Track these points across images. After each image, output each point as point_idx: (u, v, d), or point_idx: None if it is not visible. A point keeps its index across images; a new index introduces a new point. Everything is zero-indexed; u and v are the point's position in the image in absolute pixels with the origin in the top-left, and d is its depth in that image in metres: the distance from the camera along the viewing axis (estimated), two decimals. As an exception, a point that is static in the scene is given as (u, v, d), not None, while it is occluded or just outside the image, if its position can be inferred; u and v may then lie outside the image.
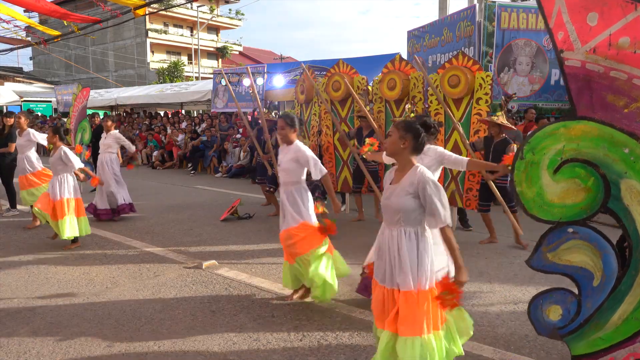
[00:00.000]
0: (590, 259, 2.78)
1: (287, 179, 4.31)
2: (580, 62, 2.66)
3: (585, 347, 2.85)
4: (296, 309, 4.28)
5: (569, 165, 2.73)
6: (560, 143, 2.72)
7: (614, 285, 2.75)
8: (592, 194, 2.72)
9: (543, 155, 2.75)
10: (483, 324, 3.97)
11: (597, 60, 2.63)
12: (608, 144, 2.64)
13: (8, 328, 3.94)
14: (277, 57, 42.27)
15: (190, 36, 40.67)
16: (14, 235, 6.97)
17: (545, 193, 2.78)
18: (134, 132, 18.37)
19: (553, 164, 2.74)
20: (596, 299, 2.80)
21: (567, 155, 2.72)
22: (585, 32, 2.63)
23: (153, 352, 3.53)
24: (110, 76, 38.14)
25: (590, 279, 2.81)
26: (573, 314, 2.86)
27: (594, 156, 2.68)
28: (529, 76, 10.01)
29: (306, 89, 8.23)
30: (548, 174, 2.75)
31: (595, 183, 2.70)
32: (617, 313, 2.74)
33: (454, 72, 6.34)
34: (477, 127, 6.42)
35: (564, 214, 2.77)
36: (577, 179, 2.73)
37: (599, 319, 2.79)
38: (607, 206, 2.70)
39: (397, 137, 2.80)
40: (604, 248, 2.76)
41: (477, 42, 9.97)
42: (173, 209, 8.74)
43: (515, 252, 5.91)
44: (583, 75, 2.67)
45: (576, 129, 2.70)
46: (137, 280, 5.06)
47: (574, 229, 2.78)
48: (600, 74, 2.63)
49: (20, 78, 36.55)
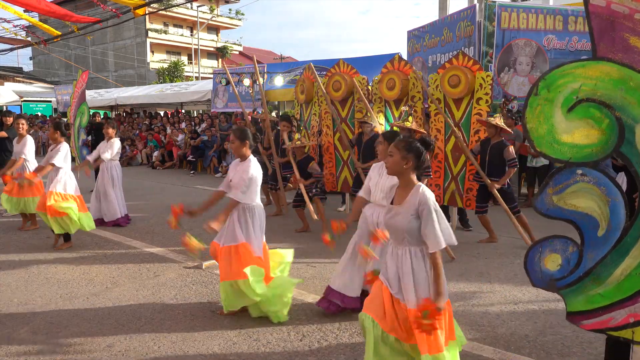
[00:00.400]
0: (597, 206, 2.65)
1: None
2: (606, 2, 2.57)
3: (583, 303, 2.72)
4: (296, 309, 4.28)
5: (584, 105, 2.62)
6: (577, 82, 2.62)
7: (620, 237, 2.61)
8: (605, 137, 2.60)
9: (558, 93, 2.65)
10: (483, 324, 3.97)
11: (623, 1, 2.53)
12: (626, 86, 2.54)
13: (8, 328, 3.94)
14: (277, 57, 42.29)
15: (190, 36, 40.68)
16: (13, 236, 6.97)
17: (557, 131, 2.67)
18: (134, 132, 18.37)
19: (568, 102, 2.64)
20: (599, 251, 2.66)
21: (582, 95, 2.61)
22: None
23: (153, 352, 3.53)
24: (110, 76, 38.16)
25: (595, 228, 2.67)
26: (573, 265, 2.72)
27: (610, 97, 2.57)
28: (529, 76, 9.99)
29: (306, 88, 8.23)
30: (562, 112, 2.65)
31: (610, 125, 2.58)
32: (620, 267, 2.60)
33: (454, 72, 6.34)
34: (477, 127, 6.42)
35: (574, 154, 2.66)
36: (591, 119, 2.61)
37: (600, 273, 2.66)
38: (619, 150, 2.59)
39: (399, 158, 2.81)
40: (613, 194, 2.63)
41: (477, 42, 9.97)
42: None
43: (515, 252, 5.91)
44: (607, 15, 2.57)
45: (595, 68, 2.60)
46: (137, 280, 5.06)
47: (583, 171, 2.66)
48: (625, 15, 2.53)
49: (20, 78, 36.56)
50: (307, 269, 5.40)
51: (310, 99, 8.33)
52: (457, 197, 6.70)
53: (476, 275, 5.18)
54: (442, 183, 6.77)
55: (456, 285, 4.83)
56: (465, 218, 7.19)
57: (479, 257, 5.79)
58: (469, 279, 5.07)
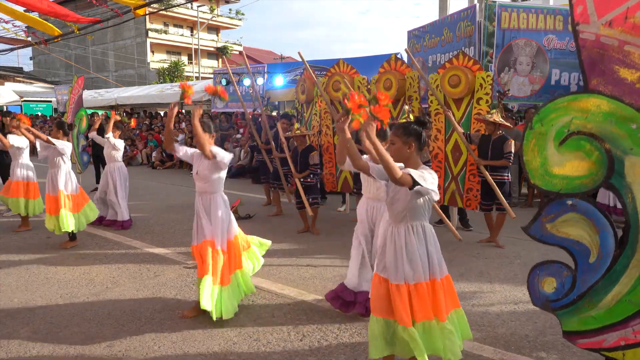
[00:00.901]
0: (588, 234, 2.76)
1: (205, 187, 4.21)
2: (595, 35, 2.64)
3: (577, 324, 2.82)
4: (296, 309, 4.28)
5: (575, 138, 2.70)
6: (569, 115, 2.71)
7: (610, 265, 2.71)
8: (595, 168, 2.69)
9: (551, 127, 2.75)
10: (483, 324, 3.97)
11: (612, 33, 2.60)
12: (616, 118, 2.61)
13: (8, 328, 3.94)
14: (277, 57, 42.24)
15: (190, 36, 40.67)
16: (14, 236, 6.98)
17: (549, 163, 2.77)
18: (134, 132, 18.37)
19: (560, 135, 2.73)
20: (591, 277, 2.77)
21: (574, 128, 2.70)
22: (603, 5, 2.62)
23: (153, 352, 3.53)
24: (111, 76, 38.14)
25: (586, 255, 2.78)
26: (567, 288, 2.84)
27: (600, 130, 2.65)
28: (529, 76, 10.00)
29: (307, 88, 8.24)
30: (554, 145, 2.75)
31: (599, 158, 2.67)
32: (611, 293, 2.71)
33: (454, 72, 6.34)
34: (477, 127, 6.42)
35: (565, 185, 2.76)
36: (582, 152, 2.70)
37: (593, 297, 2.77)
38: (609, 182, 2.67)
39: (401, 144, 2.87)
40: (602, 225, 2.72)
41: (478, 42, 9.97)
42: (173, 209, 8.74)
43: (515, 252, 5.91)
44: (597, 49, 2.65)
45: (586, 102, 2.68)
46: (137, 280, 5.06)
47: (572, 202, 2.76)
48: (614, 47, 2.60)
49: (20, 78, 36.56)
50: (307, 269, 5.40)
51: (310, 99, 8.33)
52: (457, 197, 6.70)
53: (476, 275, 5.18)
54: (443, 183, 6.77)
55: (456, 285, 4.77)
56: (465, 218, 7.19)
57: (479, 257, 5.78)
58: (469, 278, 5.07)
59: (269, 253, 5.98)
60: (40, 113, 26.46)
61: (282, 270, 5.37)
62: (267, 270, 5.34)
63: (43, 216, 7.88)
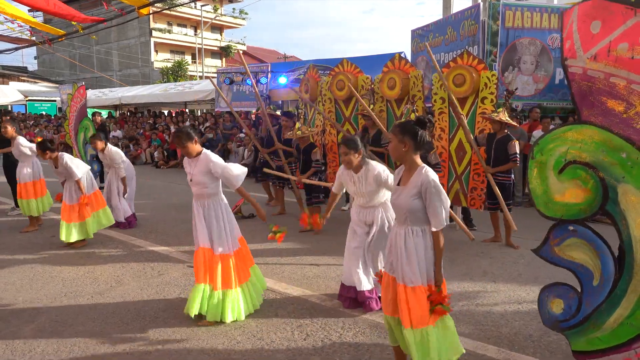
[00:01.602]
0: (590, 258, 2.87)
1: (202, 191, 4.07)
2: (582, 68, 2.79)
3: (585, 344, 2.93)
4: (300, 308, 4.28)
5: (572, 167, 2.85)
6: (565, 146, 2.85)
7: (611, 288, 2.81)
8: (591, 196, 2.82)
9: (550, 156, 2.89)
10: (487, 324, 3.96)
11: (597, 67, 2.74)
12: (607, 148, 2.74)
13: (13, 326, 3.96)
14: (280, 57, 42.24)
15: (194, 35, 40.72)
16: (18, 234, 7.00)
17: (550, 191, 2.91)
18: (137, 131, 18.42)
19: (558, 164, 2.88)
20: (595, 299, 2.87)
21: (570, 157, 2.85)
22: (588, 40, 2.75)
23: (157, 351, 3.54)
24: (115, 75, 38.23)
25: (590, 278, 2.89)
26: (574, 310, 2.94)
27: (594, 159, 2.79)
28: (533, 75, 9.97)
29: (310, 88, 8.23)
30: (554, 173, 2.89)
31: (595, 185, 2.80)
32: (613, 316, 2.81)
33: (459, 71, 6.31)
34: (481, 127, 6.40)
35: (565, 212, 2.90)
36: (579, 180, 2.84)
37: (597, 319, 2.87)
38: (605, 209, 2.79)
39: (397, 142, 2.90)
40: (601, 249, 2.84)
41: (481, 41, 9.94)
42: (177, 208, 8.76)
43: (519, 252, 5.90)
44: (585, 82, 2.79)
45: (580, 132, 2.82)
46: (141, 279, 5.08)
47: (573, 227, 2.90)
48: (601, 79, 2.74)
49: (25, 77, 36.75)
50: (311, 269, 5.40)
51: (314, 99, 8.33)
52: (462, 196, 6.68)
53: (480, 274, 5.17)
54: (447, 182, 6.75)
55: (460, 285, 4.82)
56: (469, 217, 7.18)
57: (483, 257, 5.77)
58: (472, 278, 5.06)
59: (272, 252, 6.00)
60: (44, 112, 26.56)
61: (286, 270, 5.37)
62: (270, 269, 5.35)
63: (48, 215, 7.92)
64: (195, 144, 4.01)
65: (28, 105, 26.98)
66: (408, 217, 2.88)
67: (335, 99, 7.87)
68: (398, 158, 2.94)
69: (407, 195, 2.86)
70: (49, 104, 27.56)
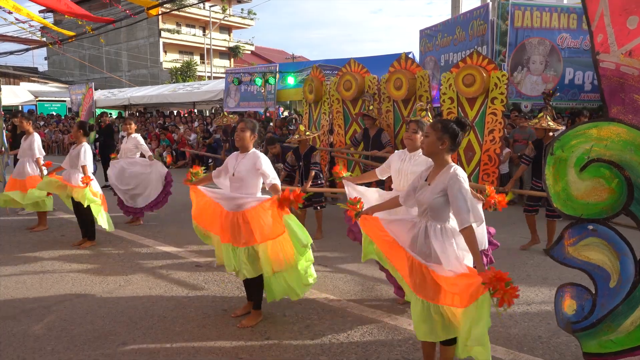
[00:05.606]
0: (608, 259, 2.79)
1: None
2: (615, 64, 2.69)
3: (597, 346, 2.87)
4: (307, 308, 4.28)
5: (595, 165, 2.75)
6: (589, 143, 2.75)
7: (630, 290, 2.74)
8: (615, 195, 2.73)
9: (571, 153, 2.79)
10: (496, 325, 3.94)
11: (632, 63, 2.64)
12: (635, 147, 2.65)
13: (23, 325, 3.99)
14: (289, 57, 42.29)
15: (202, 36, 40.86)
16: (29, 233, 7.06)
17: (570, 189, 2.81)
18: (146, 131, 18.50)
19: (580, 162, 2.78)
20: (611, 301, 2.80)
21: (594, 155, 2.75)
22: (623, 35, 2.65)
23: (165, 350, 3.55)
24: (124, 76, 38.45)
25: (607, 280, 2.81)
26: (587, 311, 2.88)
27: (620, 158, 2.70)
28: (542, 75, 9.91)
29: (315, 88, 8.24)
30: (574, 171, 2.79)
31: (619, 185, 2.71)
32: (630, 318, 2.74)
33: (468, 71, 6.30)
34: (491, 127, 6.38)
35: (585, 211, 2.80)
36: (602, 178, 2.75)
37: (612, 322, 2.80)
38: (629, 209, 2.71)
39: (435, 138, 2.91)
40: (622, 250, 2.76)
41: (490, 40, 9.91)
42: (186, 208, 8.76)
43: (528, 253, 5.85)
44: (617, 78, 2.70)
45: (606, 129, 2.72)
46: (150, 278, 5.10)
47: (593, 227, 2.81)
48: (635, 76, 2.64)
49: (35, 78, 37.06)
50: (319, 269, 5.39)
51: (319, 99, 8.34)
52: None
53: (489, 275, 5.14)
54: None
55: (468, 286, 4.79)
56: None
57: (491, 258, 5.73)
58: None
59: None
60: (54, 113, 26.77)
61: (294, 270, 5.37)
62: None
63: (57, 214, 7.98)
64: (252, 139, 4.02)
65: (38, 106, 27.21)
66: (428, 212, 2.92)
67: (343, 99, 7.88)
68: (431, 154, 2.95)
69: (431, 192, 2.87)
70: (59, 104, 27.79)
